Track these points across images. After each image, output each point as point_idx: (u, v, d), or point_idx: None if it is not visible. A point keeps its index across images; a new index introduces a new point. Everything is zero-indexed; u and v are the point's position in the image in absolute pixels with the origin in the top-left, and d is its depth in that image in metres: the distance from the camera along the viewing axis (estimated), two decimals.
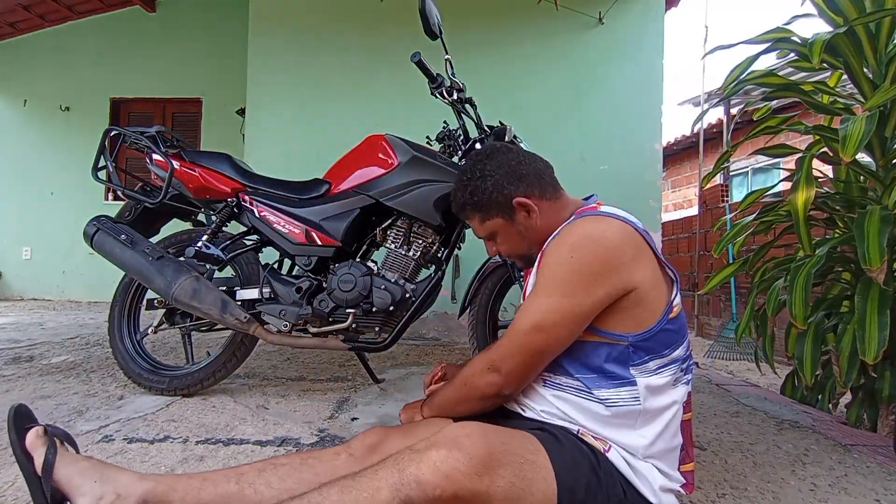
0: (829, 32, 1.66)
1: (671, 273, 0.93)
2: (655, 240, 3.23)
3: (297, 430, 1.45)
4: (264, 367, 2.30)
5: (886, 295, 1.52)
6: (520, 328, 0.87)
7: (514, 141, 1.68)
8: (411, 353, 2.69)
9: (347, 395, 1.85)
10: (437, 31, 1.55)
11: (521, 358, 0.86)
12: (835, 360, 1.70)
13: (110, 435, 1.38)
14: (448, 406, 0.98)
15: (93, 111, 5.16)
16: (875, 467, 1.33)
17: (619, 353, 0.85)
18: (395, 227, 1.71)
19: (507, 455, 0.74)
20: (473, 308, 1.64)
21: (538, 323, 0.85)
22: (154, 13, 5.19)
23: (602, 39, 3.16)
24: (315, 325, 1.65)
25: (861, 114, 1.54)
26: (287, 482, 0.85)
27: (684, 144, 7.62)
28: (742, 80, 1.90)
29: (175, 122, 5.25)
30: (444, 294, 3.06)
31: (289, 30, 3.32)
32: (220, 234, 1.80)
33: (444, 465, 0.69)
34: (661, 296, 0.88)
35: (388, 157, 1.66)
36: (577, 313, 0.83)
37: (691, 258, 5.14)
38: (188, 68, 5.13)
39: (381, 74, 3.24)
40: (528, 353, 0.86)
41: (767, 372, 3.02)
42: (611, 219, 0.89)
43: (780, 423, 1.65)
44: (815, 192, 1.65)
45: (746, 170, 6.69)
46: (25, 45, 5.28)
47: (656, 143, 3.08)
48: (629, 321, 0.85)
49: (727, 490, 1.16)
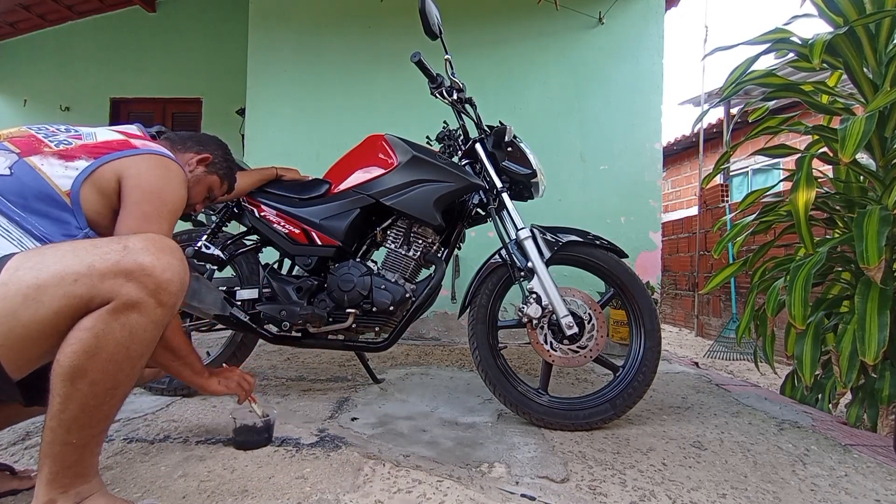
0: (830, 33, 1.66)
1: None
2: (655, 240, 3.23)
3: (297, 430, 1.45)
4: (264, 367, 2.29)
5: (886, 295, 1.53)
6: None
7: (514, 141, 1.68)
8: (411, 353, 2.69)
9: (347, 395, 1.85)
10: (437, 31, 1.55)
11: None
12: (835, 360, 1.70)
13: (110, 435, 1.38)
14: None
15: (93, 111, 5.15)
16: (875, 467, 1.33)
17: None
18: (395, 227, 1.72)
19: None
20: (473, 308, 1.64)
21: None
22: (154, 13, 5.18)
23: (602, 39, 3.16)
24: (315, 325, 1.65)
25: (861, 114, 1.54)
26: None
27: (684, 144, 7.62)
28: (742, 81, 1.90)
29: (175, 122, 5.24)
30: (444, 294, 3.06)
31: (289, 30, 3.32)
32: (220, 234, 1.80)
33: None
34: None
35: (387, 157, 1.66)
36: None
37: (691, 258, 5.14)
38: (188, 68, 5.12)
39: (381, 74, 3.24)
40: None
41: (767, 372, 3.02)
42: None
43: (780, 424, 1.65)
44: (816, 192, 1.65)
45: (746, 170, 6.69)
46: (25, 45, 5.28)
47: (656, 143, 3.08)
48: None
49: (727, 490, 1.16)
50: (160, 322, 0.86)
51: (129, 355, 0.82)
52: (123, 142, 1.06)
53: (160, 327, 0.87)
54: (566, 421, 1.52)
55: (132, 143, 1.07)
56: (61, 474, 0.84)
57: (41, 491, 0.84)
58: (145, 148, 1.07)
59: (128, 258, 0.81)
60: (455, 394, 1.91)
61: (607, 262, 1.59)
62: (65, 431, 0.81)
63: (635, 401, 1.54)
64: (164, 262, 0.84)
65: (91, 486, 0.88)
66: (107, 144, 1.04)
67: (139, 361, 0.86)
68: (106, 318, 0.79)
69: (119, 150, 1.03)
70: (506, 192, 1.62)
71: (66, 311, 0.78)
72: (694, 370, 2.55)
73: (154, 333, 0.86)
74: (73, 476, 0.85)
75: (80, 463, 0.85)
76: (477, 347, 1.60)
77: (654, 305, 1.59)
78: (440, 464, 1.25)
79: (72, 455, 0.83)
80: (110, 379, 0.81)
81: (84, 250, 0.82)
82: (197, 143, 1.31)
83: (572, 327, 1.49)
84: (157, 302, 0.83)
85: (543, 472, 1.22)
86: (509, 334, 3.02)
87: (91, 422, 0.83)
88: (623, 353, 1.84)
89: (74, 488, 0.85)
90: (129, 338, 0.81)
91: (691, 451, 1.39)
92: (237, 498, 1.04)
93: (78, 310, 0.79)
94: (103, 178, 0.99)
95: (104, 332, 0.79)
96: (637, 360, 1.56)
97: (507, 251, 1.60)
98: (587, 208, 3.08)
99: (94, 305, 0.80)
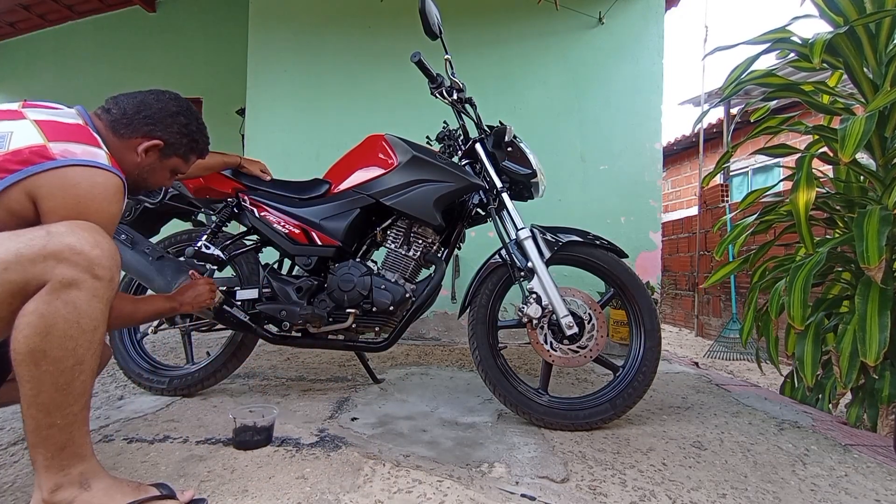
0: (830, 32, 1.66)
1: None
2: (655, 240, 3.23)
3: (297, 430, 1.45)
4: (264, 367, 2.29)
5: (886, 295, 1.52)
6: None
7: (514, 141, 1.68)
8: (411, 353, 2.68)
9: (347, 395, 1.85)
10: (437, 32, 1.55)
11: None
12: (835, 360, 1.70)
13: (110, 435, 1.38)
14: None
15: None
16: (875, 467, 1.33)
17: None
18: (395, 227, 1.72)
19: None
20: (473, 308, 1.64)
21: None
22: (154, 13, 5.18)
23: (602, 39, 3.16)
24: (315, 325, 1.65)
25: (861, 114, 1.54)
26: None
27: (684, 144, 7.62)
28: (742, 81, 1.90)
29: None
30: (444, 294, 3.06)
31: (289, 30, 3.32)
32: (220, 234, 1.80)
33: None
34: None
35: (387, 157, 1.66)
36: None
37: (691, 258, 5.14)
38: (188, 68, 5.12)
39: (381, 74, 3.24)
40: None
41: (767, 372, 3.02)
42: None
43: (780, 424, 1.65)
44: (816, 192, 1.65)
45: (746, 170, 6.69)
46: (25, 45, 5.28)
47: (656, 143, 3.08)
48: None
49: (727, 490, 1.16)
50: (102, 294, 0.88)
51: (81, 329, 0.85)
52: (39, 149, 0.90)
53: (104, 298, 0.89)
54: (566, 421, 1.52)
55: (49, 152, 0.91)
56: (57, 457, 0.85)
57: (42, 479, 0.85)
58: (64, 158, 0.92)
59: (53, 241, 0.84)
60: (455, 394, 1.91)
61: (607, 262, 1.59)
62: (46, 415, 0.83)
63: (635, 401, 1.54)
64: (90, 240, 0.87)
65: (92, 466, 0.89)
66: (17, 155, 0.89)
67: (95, 334, 0.87)
68: (47, 299, 0.82)
69: (32, 165, 0.89)
70: (506, 192, 1.62)
71: (6, 298, 0.82)
72: (694, 370, 2.55)
73: (99, 305, 0.88)
74: (69, 457, 0.86)
75: (72, 442, 0.86)
76: (477, 347, 1.60)
77: (654, 305, 1.59)
78: (440, 464, 1.25)
79: (61, 436, 0.85)
80: (71, 355, 0.84)
81: (8, 240, 0.84)
82: (146, 121, 1.08)
83: (572, 327, 1.49)
84: (92, 276, 0.86)
85: (543, 472, 1.22)
86: (509, 334, 3.02)
87: (69, 399, 0.85)
88: (623, 353, 1.85)
89: (75, 468, 0.86)
90: (75, 312, 0.84)
91: (691, 451, 1.39)
92: (237, 498, 1.04)
93: (16, 295, 0.82)
94: (12, 199, 0.88)
95: (49, 311, 0.82)
96: (637, 360, 1.56)
97: (507, 251, 1.60)
98: (587, 208, 3.08)
99: (31, 290, 0.82)
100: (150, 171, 1.14)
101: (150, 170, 1.14)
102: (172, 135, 1.12)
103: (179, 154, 1.16)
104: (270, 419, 1.35)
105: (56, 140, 0.93)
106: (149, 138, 1.09)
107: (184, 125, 1.14)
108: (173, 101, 1.14)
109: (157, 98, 1.12)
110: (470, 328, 1.63)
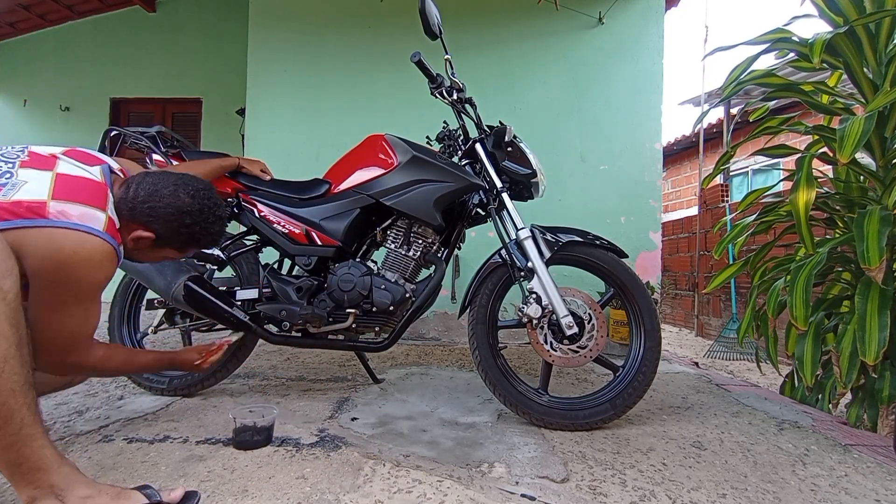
0: (830, 32, 1.66)
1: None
2: (655, 240, 3.23)
3: (297, 430, 1.45)
4: (264, 367, 2.29)
5: (886, 295, 1.52)
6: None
7: (514, 141, 1.68)
8: (411, 353, 2.68)
9: (347, 395, 1.85)
10: (437, 32, 1.55)
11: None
12: (835, 360, 1.70)
13: (110, 435, 1.38)
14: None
15: (92, 111, 5.16)
16: (875, 467, 1.33)
17: None
18: (395, 227, 1.72)
19: None
20: (473, 308, 1.64)
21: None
22: (154, 13, 5.19)
23: (602, 39, 3.16)
24: (315, 325, 1.65)
25: (860, 114, 1.54)
26: None
27: (684, 144, 7.62)
28: (742, 81, 1.90)
29: (175, 122, 5.24)
30: (444, 294, 3.06)
31: (289, 30, 3.32)
32: None
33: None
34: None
35: (387, 157, 1.66)
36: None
37: (691, 258, 5.14)
38: (188, 68, 5.13)
39: (381, 74, 3.24)
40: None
41: (767, 372, 3.02)
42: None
43: (780, 424, 1.65)
44: (816, 192, 1.65)
45: (746, 170, 6.69)
46: (25, 45, 5.28)
47: (656, 143, 3.08)
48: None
49: (727, 490, 1.16)
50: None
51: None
52: (37, 206, 0.90)
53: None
54: (566, 421, 1.52)
55: (44, 210, 0.90)
56: (17, 473, 0.84)
57: (18, 492, 0.85)
58: (56, 220, 0.90)
59: None
60: (455, 394, 1.91)
61: (607, 262, 1.60)
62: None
63: (635, 401, 1.54)
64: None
65: (63, 476, 0.88)
66: (16, 206, 0.89)
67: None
68: None
69: (22, 218, 0.88)
70: (506, 192, 1.62)
71: None
72: (694, 370, 2.55)
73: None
74: (29, 472, 0.85)
75: (25, 459, 0.84)
76: (477, 347, 1.60)
77: (653, 305, 1.59)
78: (440, 464, 1.25)
79: (8, 455, 0.83)
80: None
81: None
82: (148, 212, 1.06)
83: (572, 327, 1.49)
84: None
85: (543, 472, 1.22)
86: (509, 334, 3.02)
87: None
88: (623, 353, 1.84)
89: (43, 481, 0.86)
90: None
91: (691, 451, 1.39)
92: (237, 498, 1.04)
93: None
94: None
95: None
96: (637, 360, 1.56)
97: (507, 251, 1.60)
98: (587, 208, 3.08)
99: None
100: (139, 254, 1.13)
101: (140, 253, 1.13)
102: (170, 231, 1.09)
103: (174, 247, 1.13)
104: (270, 419, 1.35)
105: (59, 198, 0.93)
106: (144, 228, 1.07)
107: (186, 225, 1.09)
108: (190, 198, 1.09)
109: (173, 191, 1.08)
110: (470, 328, 1.63)
